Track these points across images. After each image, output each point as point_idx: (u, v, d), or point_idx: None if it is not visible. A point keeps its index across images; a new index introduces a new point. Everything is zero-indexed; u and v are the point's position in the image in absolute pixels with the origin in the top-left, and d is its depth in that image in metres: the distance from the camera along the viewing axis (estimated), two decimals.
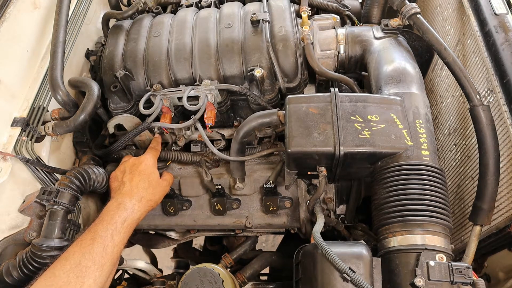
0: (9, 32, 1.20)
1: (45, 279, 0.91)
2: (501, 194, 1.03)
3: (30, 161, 1.16)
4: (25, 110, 1.21)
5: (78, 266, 0.93)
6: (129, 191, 1.15)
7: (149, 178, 1.19)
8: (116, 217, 1.06)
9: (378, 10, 1.45)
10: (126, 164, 1.23)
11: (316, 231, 0.96)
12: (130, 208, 1.10)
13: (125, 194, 1.14)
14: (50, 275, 0.92)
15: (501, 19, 1.12)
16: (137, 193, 1.15)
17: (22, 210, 1.16)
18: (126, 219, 1.07)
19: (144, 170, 1.20)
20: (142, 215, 1.14)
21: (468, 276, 0.82)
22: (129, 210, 1.10)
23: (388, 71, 1.15)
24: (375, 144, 0.97)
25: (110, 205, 1.11)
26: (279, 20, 1.32)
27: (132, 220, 1.09)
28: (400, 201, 0.92)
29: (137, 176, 1.18)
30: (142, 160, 1.23)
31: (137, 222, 1.12)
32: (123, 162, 1.26)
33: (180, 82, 1.32)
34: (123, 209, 1.09)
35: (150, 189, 1.18)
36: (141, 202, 1.14)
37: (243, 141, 1.21)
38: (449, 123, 1.37)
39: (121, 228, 1.05)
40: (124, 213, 1.08)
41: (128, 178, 1.18)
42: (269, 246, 2.87)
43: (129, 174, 1.19)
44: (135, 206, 1.12)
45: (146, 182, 1.18)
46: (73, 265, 0.93)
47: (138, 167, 1.21)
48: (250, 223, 1.35)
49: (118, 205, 1.10)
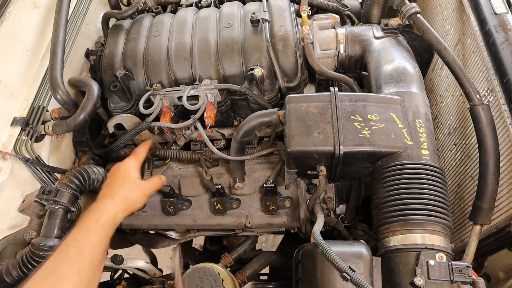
0: (9, 31, 1.20)
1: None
2: (501, 194, 1.03)
3: (30, 161, 1.16)
4: (25, 109, 1.21)
5: (53, 274, 0.88)
6: (103, 194, 1.13)
7: (124, 178, 1.17)
8: (89, 219, 1.02)
9: (378, 9, 1.45)
10: (108, 173, 1.24)
11: (316, 230, 0.96)
12: (102, 207, 1.06)
13: (99, 197, 1.12)
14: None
15: (501, 19, 1.12)
16: (110, 192, 1.12)
17: (21, 209, 1.16)
18: (99, 218, 1.03)
19: (121, 171, 1.19)
20: (119, 213, 1.08)
21: (468, 276, 0.82)
22: (101, 209, 1.05)
23: (388, 71, 1.15)
24: (375, 144, 0.97)
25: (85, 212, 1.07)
26: (279, 19, 1.32)
27: (107, 218, 1.03)
28: (400, 200, 0.92)
29: (113, 178, 1.18)
30: (121, 164, 1.22)
31: (114, 220, 1.05)
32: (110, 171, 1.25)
33: (180, 81, 1.32)
34: (94, 210, 1.05)
35: (125, 187, 1.14)
36: (115, 199, 1.09)
37: (243, 140, 1.21)
38: (449, 122, 1.37)
39: (96, 228, 1.00)
40: (96, 213, 1.04)
41: (105, 183, 1.19)
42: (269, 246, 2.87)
43: (108, 179, 1.20)
44: (108, 205, 1.07)
45: (120, 181, 1.16)
46: (48, 274, 0.88)
47: (116, 171, 1.20)
48: (250, 222, 1.35)
49: (90, 209, 1.06)
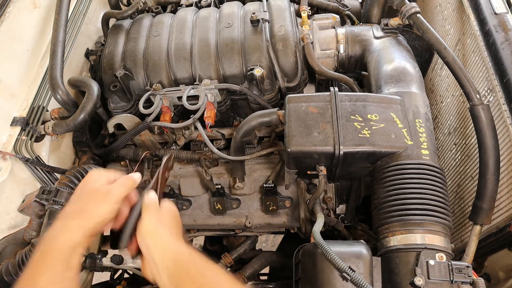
0: (9, 31, 1.20)
1: None
2: (501, 194, 1.03)
3: (30, 161, 1.16)
4: (25, 109, 1.21)
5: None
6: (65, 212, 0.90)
7: (83, 190, 0.92)
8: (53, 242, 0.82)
9: (378, 9, 1.45)
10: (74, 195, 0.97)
11: (316, 230, 0.96)
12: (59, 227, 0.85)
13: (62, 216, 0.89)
14: None
15: (501, 19, 1.12)
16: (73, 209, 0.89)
17: (21, 209, 1.16)
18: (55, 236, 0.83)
19: (84, 185, 0.93)
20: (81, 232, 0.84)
21: (468, 276, 0.82)
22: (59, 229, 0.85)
23: (388, 71, 1.15)
24: (375, 143, 0.97)
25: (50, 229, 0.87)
26: (279, 19, 1.32)
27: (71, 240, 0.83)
28: (400, 200, 0.92)
29: (73, 195, 0.94)
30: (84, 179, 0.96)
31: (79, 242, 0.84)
32: None
33: (180, 81, 1.32)
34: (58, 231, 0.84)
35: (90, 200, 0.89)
36: (79, 217, 0.87)
37: (243, 140, 1.21)
38: (449, 122, 1.37)
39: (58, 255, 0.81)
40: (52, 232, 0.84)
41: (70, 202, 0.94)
42: (269, 246, 2.86)
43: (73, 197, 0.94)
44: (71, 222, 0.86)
45: (75, 195, 0.92)
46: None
47: (79, 187, 0.95)
48: (250, 222, 1.35)
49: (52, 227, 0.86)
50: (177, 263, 0.82)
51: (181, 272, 0.81)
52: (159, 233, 0.88)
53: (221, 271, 0.81)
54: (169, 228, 0.90)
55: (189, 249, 0.85)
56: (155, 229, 0.89)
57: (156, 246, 0.86)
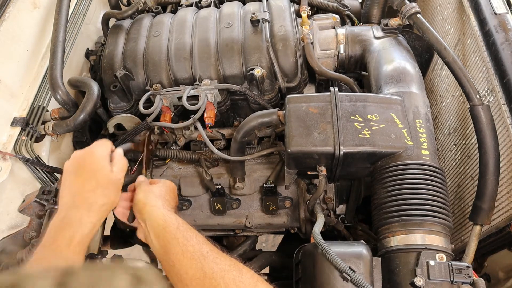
0: (9, 31, 1.20)
1: None
2: (501, 194, 1.03)
3: (30, 161, 1.16)
4: (25, 109, 1.21)
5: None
6: (71, 200, 0.91)
7: (96, 176, 0.93)
8: (60, 239, 0.84)
9: (378, 9, 1.45)
10: (67, 163, 0.97)
11: (316, 230, 0.96)
12: (76, 221, 0.87)
13: (68, 203, 0.90)
14: None
15: (501, 19, 1.12)
16: (83, 199, 0.90)
17: (21, 209, 1.16)
18: (72, 238, 0.85)
19: (89, 165, 0.94)
20: (96, 226, 0.91)
21: (468, 276, 0.82)
22: (75, 224, 0.87)
23: (388, 71, 1.15)
24: (375, 144, 0.97)
25: (53, 222, 0.89)
26: (279, 19, 1.32)
27: (82, 237, 0.86)
28: (400, 201, 0.92)
29: (79, 176, 0.93)
30: (85, 153, 0.96)
31: (90, 236, 0.90)
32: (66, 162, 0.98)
33: (180, 81, 1.32)
34: (67, 226, 0.86)
35: (99, 191, 0.92)
36: (92, 210, 0.90)
37: (243, 140, 1.21)
38: (449, 122, 1.37)
39: (68, 252, 0.83)
40: (70, 231, 0.86)
41: (69, 181, 0.93)
42: (269, 246, 2.86)
43: (72, 175, 0.94)
44: (84, 218, 0.88)
45: (93, 183, 0.92)
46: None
47: (80, 163, 0.95)
48: (250, 222, 1.35)
49: (61, 220, 0.87)
50: (165, 228, 0.90)
51: (169, 236, 0.88)
52: (149, 202, 0.97)
53: (205, 240, 0.89)
54: (160, 198, 1.00)
55: (178, 217, 0.94)
56: (145, 197, 0.99)
57: (147, 212, 0.95)
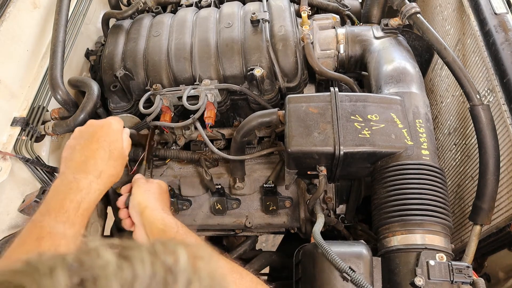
0: (9, 31, 1.20)
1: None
2: (501, 194, 1.03)
3: (30, 161, 1.16)
4: (25, 109, 1.21)
5: None
6: (83, 163, 0.87)
7: (110, 146, 0.92)
8: (68, 203, 0.81)
9: (378, 9, 1.45)
10: (80, 128, 0.95)
11: (316, 230, 0.96)
12: (85, 187, 0.84)
13: (78, 167, 0.87)
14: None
15: (501, 19, 1.12)
16: (94, 165, 0.88)
17: (21, 209, 1.16)
18: (81, 202, 0.82)
19: (106, 135, 0.93)
20: (100, 195, 0.89)
21: (468, 276, 0.82)
22: (85, 190, 0.84)
23: (388, 71, 1.15)
24: (375, 144, 0.97)
25: (59, 185, 0.84)
26: (279, 19, 1.32)
27: (89, 203, 0.85)
28: (400, 201, 0.92)
29: (95, 143, 0.90)
30: (104, 123, 0.95)
31: (94, 204, 0.88)
32: (78, 127, 0.97)
33: (180, 81, 1.32)
34: (76, 190, 0.83)
35: (111, 162, 0.91)
36: (100, 178, 0.88)
37: (243, 140, 1.21)
38: (449, 122, 1.37)
39: (75, 217, 0.81)
40: (78, 195, 0.83)
41: (82, 145, 0.90)
42: (269, 246, 2.86)
43: (85, 140, 0.91)
44: (93, 184, 0.86)
45: (106, 152, 0.90)
46: None
47: (97, 131, 0.93)
48: (250, 222, 1.35)
49: (69, 184, 0.84)
50: (165, 233, 0.90)
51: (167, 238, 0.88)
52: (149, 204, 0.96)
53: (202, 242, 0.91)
54: (158, 200, 0.99)
55: (177, 221, 0.93)
56: (145, 200, 0.97)
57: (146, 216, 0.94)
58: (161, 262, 0.37)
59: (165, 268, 0.37)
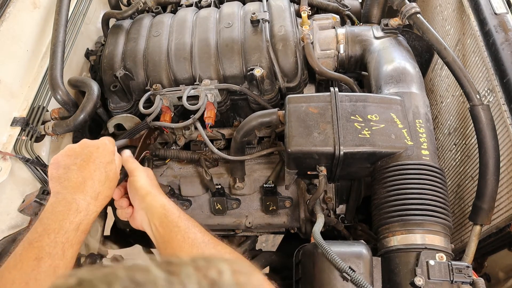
0: (9, 31, 1.20)
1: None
2: (501, 194, 1.03)
3: (30, 161, 1.16)
4: (25, 109, 1.21)
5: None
6: (81, 184, 0.86)
7: (106, 168, 0.91)
8: (67, 224, 0.80)
9: (378, 9, 1.45)
10: (74, 147, 0.92)
11: (316, 230, 0.96)
12: (84, 208, 0.84)
13: (76, 188, 0.85)
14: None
15: (501, 19, 1.12)
16: (92, 187, 0.87)
17: (21, 209, 1.16)
18: (79, 224, 0.82)
19: (102, 157, 0.92)
20: (96, 216, 0.89)
21: (468, 276, 0.82)
22: (83, 212, 0.84)
23: (388, 71, 1.15)
24: (375, 144, 0.97)
25: (56, 205, 0.83)
26: (279, 19, 1.32)
27: (87, 225, 0.85)
28: (400, 201, 0.92)
29: (92, 164, 0.89)
30: (99, 144, 0.94)
31: (91, 225, 0.87)
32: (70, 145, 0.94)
33: (180, 81, 1.32)
34: (75, 211, 0.83)
35: (107, 183, 0.90)
36: (98, 199, 0.87)
37: (243, 140, 1.21)
38: (449, 122, 1.37)
39: (74, 238, 0.80)
40: (78, 217, 0.82)
41: (78, 165, 0.88)
42: (269, 246, 2.86)
43: (81, 160, 0.89)
44: (90, 206, 0.85)
45: (103, 174, 0.90)
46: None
47: (93, 152, 0.91)
48: (250, 222, 1.35)
49: (68, 205, 0.83)
50: (167, 218, 0.90)
51: (170, 225, 0.88)
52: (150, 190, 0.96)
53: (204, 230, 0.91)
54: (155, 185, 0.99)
55: (177, 206, 0.94)
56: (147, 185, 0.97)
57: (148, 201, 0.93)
58: (206, 277, 0.38)
59: (211, 282, 0.38)
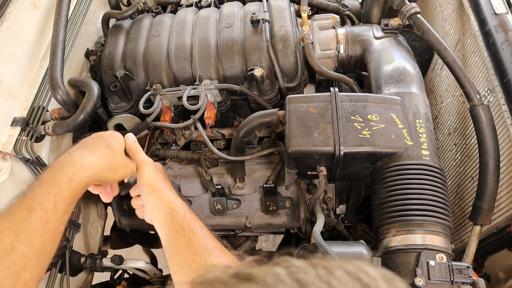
0: (9, 32, 1.19)
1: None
2: (501, 194, 1.03)
3: (30, 161, 1.16)
4: (25, 109, 1.21)
5: (10, 254, 0.66)
6: (81, 145, 0.88)
7: (110, 141, 0.92)
8: (60, 175, 0.78)
9: (378, 9, 1.45)
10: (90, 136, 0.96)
11: (316, 230, 0.96)
12: (78, 160, 0.82)
13: (75, 148, 0.87)
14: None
15: (501, 19, 1.12)
16: (92, 145, 0.88)
17: None
18: (72, 175, 0.79)
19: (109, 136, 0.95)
20: (94, 174, 0.84)
21: (468, 276, 0.82)
22: (78, 163, 0.81)
23: (388, 71, 1.15)
24: (375, 144, 0.97)
25: (53, 163, 0.83)
26: (279, 19, 1.32)
27: (81, 178, 0.81)
28: (400, 201, 0.92)
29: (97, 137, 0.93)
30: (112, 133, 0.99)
31: (88, 182, 0.83)
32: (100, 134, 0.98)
33: (180, 81, 1.32)
34: (69, 163, 0.81)
35: (106, 149, 0.89)
36: (95, 154, 0.85)
37: (243, 140, 1.21)
38: (449, 123, 1.37)
39: (67, 191, 0.77)
40: (71, 168, 0.80)
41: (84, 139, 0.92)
42: (269, 246, 2.86)
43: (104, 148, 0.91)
44: (86, 158, 0.83)
45: (105, 142, 0.91)
46: (3, 253, 0.66)
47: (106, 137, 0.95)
48: (250, 222, 1.35)
49: (63, 159, 0.82)
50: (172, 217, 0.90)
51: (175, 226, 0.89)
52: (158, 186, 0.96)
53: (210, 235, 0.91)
54: (164, 180, 0.99)
55: (184, 204, 0.94)
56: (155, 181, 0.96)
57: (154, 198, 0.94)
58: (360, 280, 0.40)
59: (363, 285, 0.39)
